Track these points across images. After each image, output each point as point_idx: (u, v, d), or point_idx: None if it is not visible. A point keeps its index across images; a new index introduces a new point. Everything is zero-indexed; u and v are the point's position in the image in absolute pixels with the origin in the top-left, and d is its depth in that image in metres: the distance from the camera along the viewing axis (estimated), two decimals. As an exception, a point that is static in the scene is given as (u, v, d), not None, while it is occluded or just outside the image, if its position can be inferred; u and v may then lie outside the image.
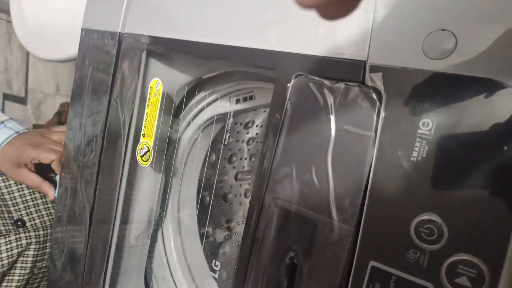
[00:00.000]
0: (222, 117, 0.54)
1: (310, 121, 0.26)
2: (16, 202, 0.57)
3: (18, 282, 0.56)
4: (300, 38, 0.27)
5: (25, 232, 0.56)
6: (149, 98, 0.41)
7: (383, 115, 0.23)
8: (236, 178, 0.63)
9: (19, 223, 0.56)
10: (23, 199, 0.58)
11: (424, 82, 0.22)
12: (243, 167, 0.62)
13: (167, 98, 0.44)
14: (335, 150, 0.25)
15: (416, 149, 0.22)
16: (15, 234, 0.55)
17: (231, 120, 0.62)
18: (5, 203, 0.56)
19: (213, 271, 0.46)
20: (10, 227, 0.55)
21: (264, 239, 0.29)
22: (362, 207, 0.24)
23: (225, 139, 0.54)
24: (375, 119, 0.24)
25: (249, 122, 0.60)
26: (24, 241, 0.55)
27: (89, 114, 0.47)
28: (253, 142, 0.61)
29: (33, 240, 0.56)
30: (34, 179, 0.56)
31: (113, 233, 0.47)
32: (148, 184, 0.49)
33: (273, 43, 0.28)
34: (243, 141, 0.62)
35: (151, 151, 0.42)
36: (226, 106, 0.50)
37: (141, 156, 0.42)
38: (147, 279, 0.57)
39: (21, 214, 0.57)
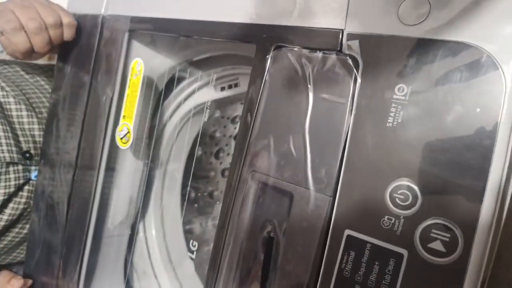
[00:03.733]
0: (204, 109, 0.54)
1: (289, 92, 0.26)
2: (26, 134, 0.55)
3: (8, 216, 0.53)
4: (278, 9, 0.27)
5: (31, 165, 0.54)
6: (130, 79, 0.40)
7: (360, 81, 0.23)
8: (223, 175, 0.62)
9: (27, 154, 0.54)
10: (32, 132, 0.56)
11: (399, 48, 0.22)
12: (230, 163, 0.62)
13: (148, 82, 0.43)
14: (312, 119, 0.25)
15: (392, 114, 0.22)
16: (23, 165, 0.53)
17: (218, 113, 0.61)
18: (15, 132, 0.54)
19: (191, 252, 0.45)
20: (19, 156, 0.53)
21: (241, 214, 0.28)
22: (338, 176, 0.24)
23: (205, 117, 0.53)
24: (351, 86, 0.24)
25: (237, 116, 0.59)
26: (29, 173, 0.54)
27: (70, 99, 0.47)
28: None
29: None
30: None
31: (90, 221, 0.46)
32: (128, 171, 0.48)
33: (253, 16, 0.28)
34: (230, 136, 0.61)
35: (131, 132, 0.41)
36: (211, 93, 0.50)
37: (121, 138, 0.42)
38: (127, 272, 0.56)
39: (29, 147, 0.55)
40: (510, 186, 0.21)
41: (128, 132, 0.41)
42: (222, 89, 0.49)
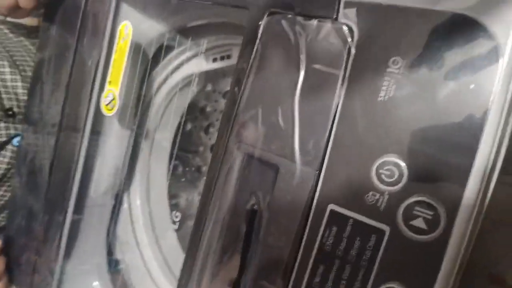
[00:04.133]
0: (199, 80, 0.52)
1: (280, 61, 0.25)
2: (8, 91, 0.53)
3: None
4: (275, -28, 0.26)
5: (14, 123, 0.53)
6: (117, 43, 0.39)
7: (354, 52, 0.22)
8: (211, 150, 0.61)
9: (9, 112, 0.52)
10: (15, 90, 0.54)
11: (397, 18, 0.21)
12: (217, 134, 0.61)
13: (136, 48, 0.41)
14: (303, 90, 0.24)
15: (384, 88, 0.22)
16: (5, 123, 0.52)
17: (209, 87, 0.60)
18: None
19: (174, 223, 0.45)
20: (1, 113, 0.51)
21: (226, 185, 0.28)
22: (326, 149, 0.23)
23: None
24: (345, 57, 0.23)
25: (229, 91, 0.58)
26: (12, 131, 0.52)
27: (55, 62, 0.45)
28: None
29: (20, 133, 0.53)
30: None
31: (72, 188, 0.45)
32: (114, 138, 0.47)
33: (248, -22, 0.27)
34: (221, 111, 0.60)
35: (117, 99, 0.40)
36: (202, 64, 0.48)
37: (106, 105, 0.40)
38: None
39: (12, 104, 0.53)
40: (496, 170, 0.21)
41: (114, 98, 0.40)
42: (214, 60, 0.48)
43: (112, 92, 0.40)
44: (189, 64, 0.49)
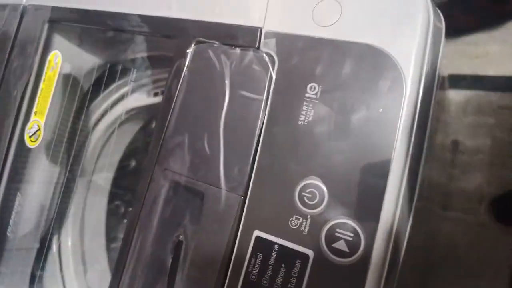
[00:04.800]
0: (140, 115, 0.51)
1: (206, 87, 0.25)
2: None
3: None
4: (200, 4, 0.27)
5: None
6: (46, 72, 0.37)
7: (275, 78, 0.23)
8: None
9: None
10: None
11: (312, 48, 0.23)
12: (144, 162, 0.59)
13: (69, 80, 0.40)
14: (228, 116, 0.24)
15: (304, 112, 0.22)
16: None
17: (154, 124, 0.59)
18: None
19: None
20: None
21: (150, 215, 0.26)
22: (250, 174, 0.23)
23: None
24: (267, 83, 0.23)
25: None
26: None
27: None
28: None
29: None
30: None
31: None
32: (41, 176, 0.43)
33: (175, 10, 0.28)
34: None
35: (42, 130, 0.38)
36: (143, 99, 0.48)
37: (30, 136, 0.37)
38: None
39: None
40: (417, 188, 0.22)
41: (38, 129, 0.37)
42: (155, 94, 0.47)
43: (37, 123, 0.37)
44: (130, 98, 0.48)
